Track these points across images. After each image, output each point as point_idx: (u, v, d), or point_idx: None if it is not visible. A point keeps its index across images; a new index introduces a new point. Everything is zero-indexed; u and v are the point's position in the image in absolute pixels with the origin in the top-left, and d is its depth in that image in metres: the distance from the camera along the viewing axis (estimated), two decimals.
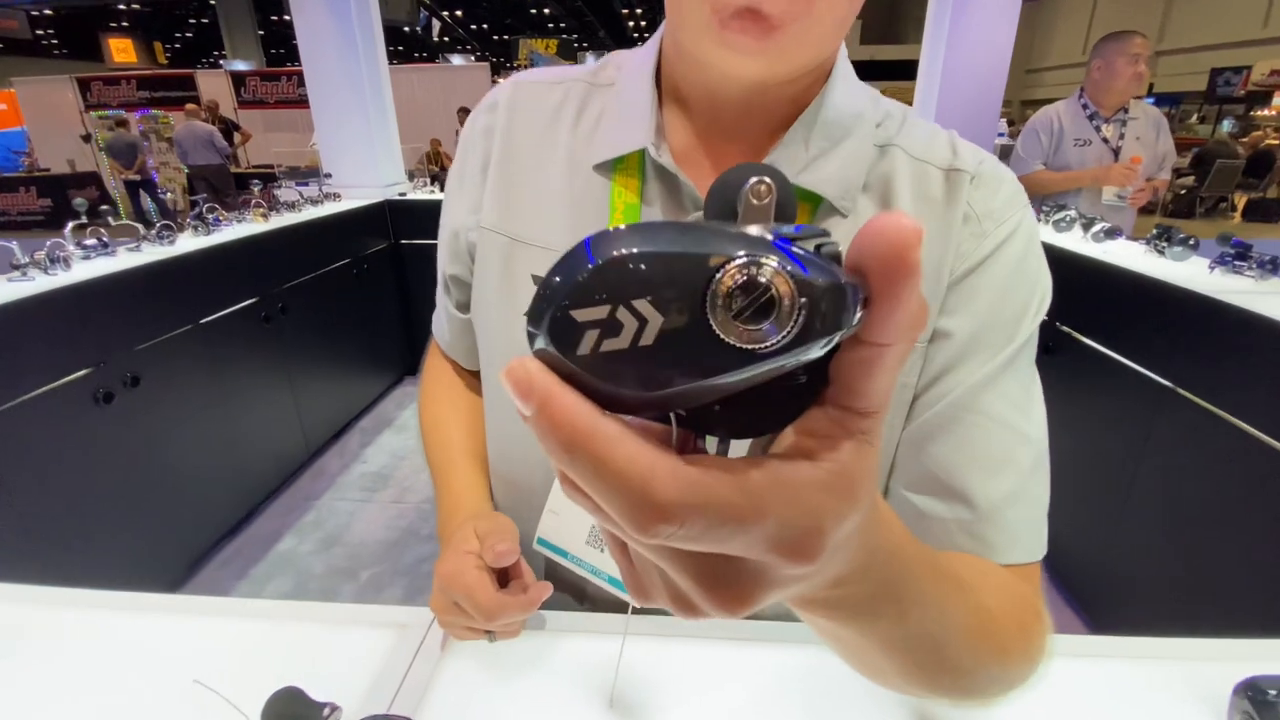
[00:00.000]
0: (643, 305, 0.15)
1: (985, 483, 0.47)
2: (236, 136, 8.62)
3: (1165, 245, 1.88)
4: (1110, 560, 1.80)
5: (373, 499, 2.62)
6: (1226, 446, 1.43)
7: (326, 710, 0.50)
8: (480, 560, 0.54)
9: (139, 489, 1.92)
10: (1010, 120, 9.84)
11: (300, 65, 3.46)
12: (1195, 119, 13.30)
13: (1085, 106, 2.57)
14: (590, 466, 0.16)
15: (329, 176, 3.43)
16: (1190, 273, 1.72)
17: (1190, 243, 1.84)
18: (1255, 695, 0.47)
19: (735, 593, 0.20)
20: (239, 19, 14.67)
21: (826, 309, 0.15)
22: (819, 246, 0.17)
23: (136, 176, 7.97)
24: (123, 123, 8.01)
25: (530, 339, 0.16)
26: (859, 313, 0.16)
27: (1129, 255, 1.94)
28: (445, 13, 19.13)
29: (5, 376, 1.56)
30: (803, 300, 0.15)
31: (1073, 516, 1.90)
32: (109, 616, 0.64)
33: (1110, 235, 2.09)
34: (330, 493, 2.66)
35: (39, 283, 1.71)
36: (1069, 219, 2.28)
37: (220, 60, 16.75)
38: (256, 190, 2.81)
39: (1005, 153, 3.74)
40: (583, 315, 0.15)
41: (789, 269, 0.15)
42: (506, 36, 21.97)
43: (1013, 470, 0.47)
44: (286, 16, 3.42)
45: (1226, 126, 10.81)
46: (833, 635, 0.31)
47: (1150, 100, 2.72)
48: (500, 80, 0.76)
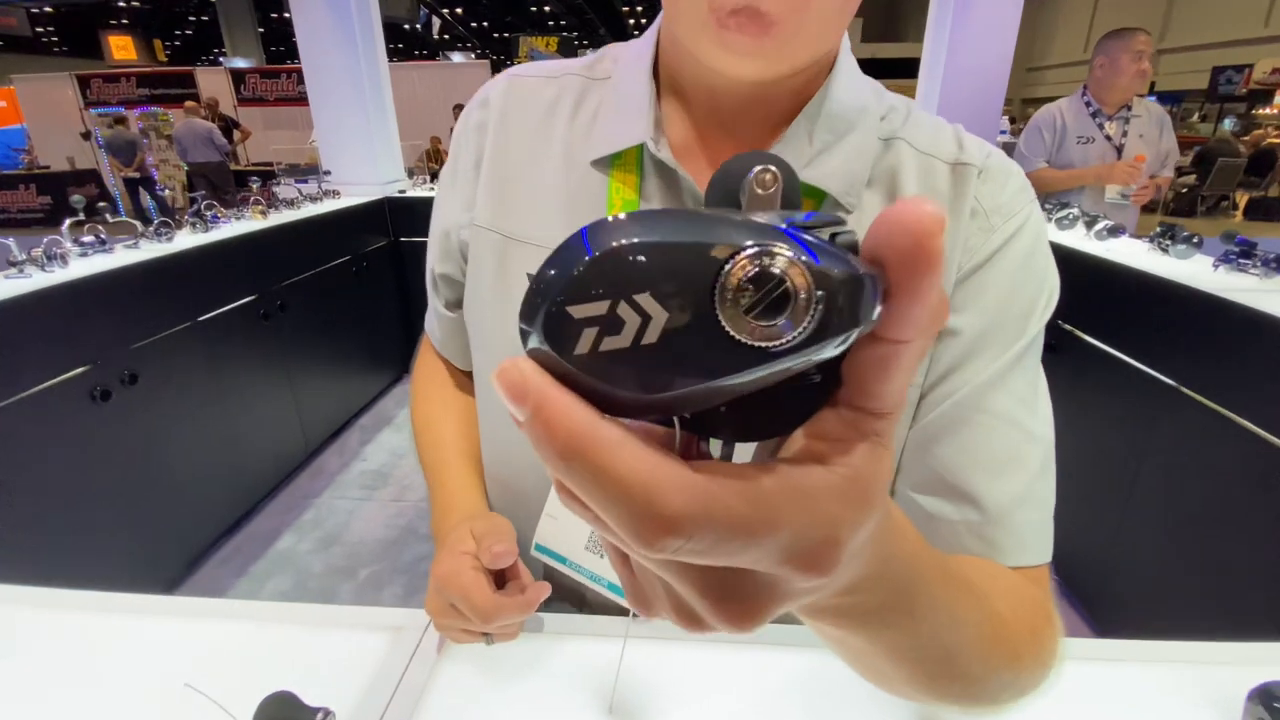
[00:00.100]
0: (645, 300, 0.14)
1: (994, 484, 0.46)
2: (236, 134, 8.60)
3: (1169, 243, 1.87)
4: (1113, 560, 1.79)
5: (372, 497, 2.61)
6: (1230, 446, 1.42)
7: (320, 715, 0.49)
8: (476, 561, 0.53)
9: (137, 487, 1.91)
10: (1012, 118, 9.82)
11: (300, 63, 3.45)
12: (1197, 117, 13.26)
13: (1088, 104, 2.56)
14: (589, 475, 0.15)
15: (328, 174, 3.42)
16: (1194, 271, 1.71)
17: (1194, 241, 1.83)
18: (1271, 701, 0.46)
19: (745, 607, 0.19)
20: (239, 16, 14.66)
21: (844, 303, 0.14)
22: (833, 235, 0.16)
23: (136, 174, 7.96)
24: (121, 120, 8.00)
25: (523, 338, 0.15)
26: (878, 307, 0.15)
27: (1132, 253, 1.93)
28: (445, 10, 19.10)
29: (2, 374, 1.55)
30: (819, 293, 0.14)
31: (1075, 516, 1.89)
32: (99, 618, 0.63)
33: (1113, 233, 2.08)
34: (329, 491, 2.65)
35: (36, 280, 1.70)
36: (1072, 217, 2.27)
37: (220, 57, 16.74)
38: (255, 187, 2.80)
39: (1007, 150, 3.73)
40: (580, 311, 0.14)
41: (804, 259, 0.14)
42: (507, 34, 21.92)
43: (1021, 471, 0.46)
44: (286, 14, 3.41)
45: (1228, 125, 10.79)
46: (840, 642, 0.30)
47: (1152, 98, 2.71)
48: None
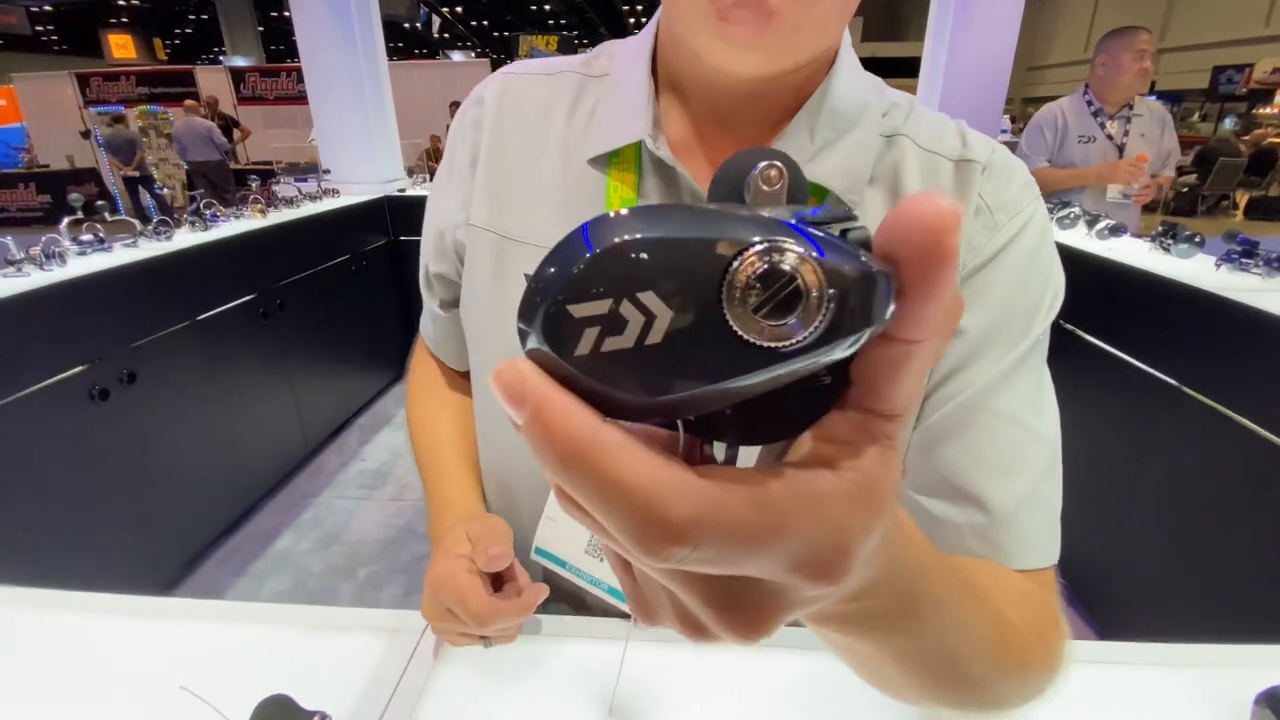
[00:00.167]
0: (649, 299, 0.13)
1: (999, 486, 0.45)
2: (236, 133, 8.59)
3: (1171, 243, 1.87)
4: (1114, 560, 1.79)
5: (371, 496, 2.61)
6: (1232, 446, 1.41)
7: (316, 719, 0.49)
8: (472, 564, 0.53)
9: (136, 487, 1.90)
10: (1013, 117, 9.81)
11: (300, 61, 3.44)
12: (1197, 117, 13.25)
13: (1090, 103, 2.55)
14: (590, 481, 0.14)
15: (327, 172, 3.41)
16: (1196, 270, 1.70)
17: (1196, 240, 1.83)
18: (1279, 705, 0.46)
19: (751, 617, 0.18)
20: (239, 15, 14.64)
21: (857, 302, 0.14)
22: (844, 232, 0.15)
23: (135, 173, 7.95)
24: (121, 119, 7.99)
25: (522, 338, 0.15)
26: (891, 306, 0.15)
27: (1134, 252, 1.92)
28: (445, 9, 19.08)
29: (0, 373, 1.54)
30: (831, 292, 0.13)
31: (1077, 516, 1.87)
32: (93, 620, 0.62)
33: (1115, 232, 2.08)
34: (329, 490, 2.65)
35: (34, 279, 1.70)
36: (1073, 216, 2.26)
37: (220, 56, 16.72)
38: (255, 186, 2.80)
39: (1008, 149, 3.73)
40: (581, 311, 0.13)
41: (815, 256, 0.13)
42: (507, 33, 21.91)
43: (1027, 472, 0.46)
44: (286, 13, 3.40)
45: (1229, 124, 10.77)
46: (845, 648, 0.29)
47: (1152, 97, 2.70)
48: None
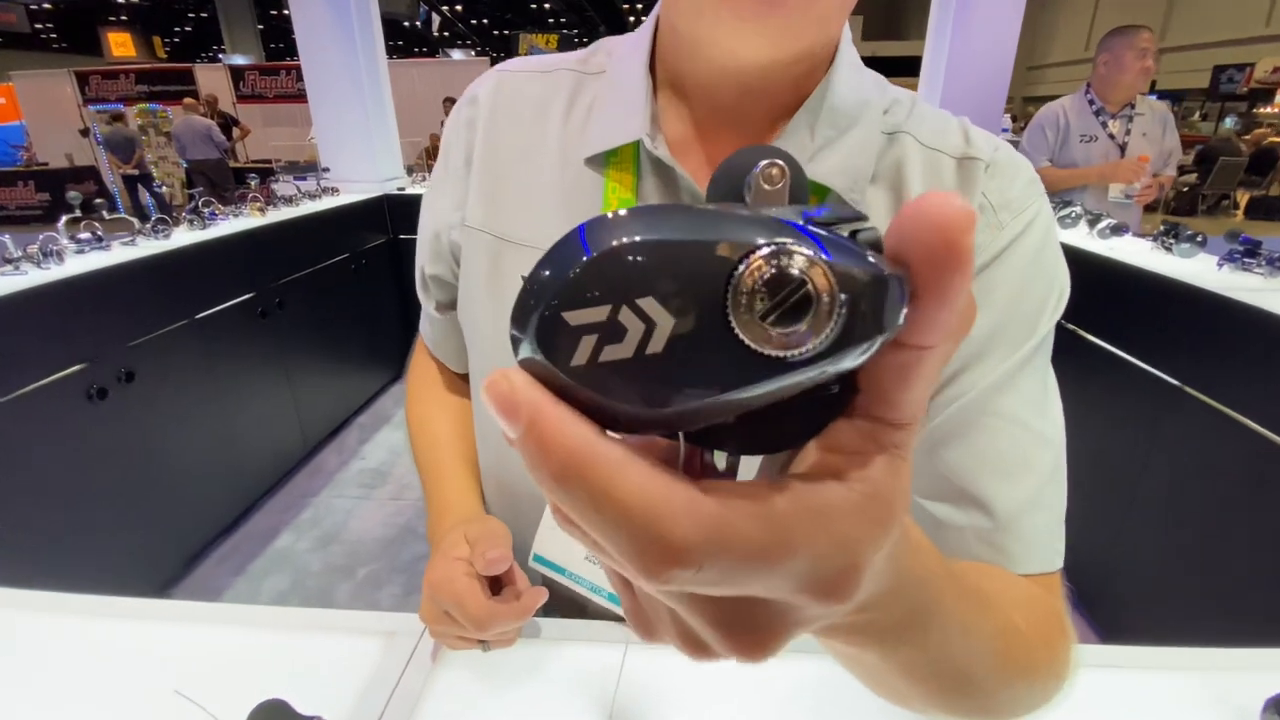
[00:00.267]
0: (649, 305, 0.12)
1: (1003, 489, 0.45)
2: (235, 131, 8.57)
3: (1172, 242, 1.86)
4: (1115, 560, 1.78)
5: (370, 496, 2.60)
6: (1235, 446, 1.41)
7: None
8: (470, 567, 0.52)
9: (134, 486, 1.89)
10: (1013, 116, 9.79)
11: (299, 60, 3.43)
12: (1198, 116, 13.24)
13: (1091, 102, 2.55)
14: (588, 499, 0.13)
15: (327, 171, 3.40)
16: (1198, 270, 1.70)
17: (1198, 239, 1.82)
18: None
19: (757, 638, 0.17)
20: (238, 13, 14.63)
21: (870, 307, 0.13)
22: (854, 233, 0.14)
23: (134, 171, 7.94)
24: (119, 117, 7.97)
25: (515, 345, 0.14)
26: (904, 310, 0.14)
27: (1135, 252, 1.92)
28: (445, 7, 19.06)
29: None
30: (843, 297, 0.13)
31: (1078, 517, 1.86)
32: (87, 623, 0.62)
33: (1116, 232, 2.07)
34: (328, 489, 2.64)
35: (32, 277, 1.69)
36: (1075, 215, 2.25)
37: (219, 54, 16.70)
38: (254, 185, 2.79)
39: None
40: (577, 318, 0.13)
41: (825, 259, 0.12)
42: (507, 31, 21.91)
43: (1032, 475, 0.45)
44: (286, 11, 3.39)
45: (1229, 124, 10.75)
46: (852, 659, 0.29)
47: (1153, 96, 2.69)
48: None
